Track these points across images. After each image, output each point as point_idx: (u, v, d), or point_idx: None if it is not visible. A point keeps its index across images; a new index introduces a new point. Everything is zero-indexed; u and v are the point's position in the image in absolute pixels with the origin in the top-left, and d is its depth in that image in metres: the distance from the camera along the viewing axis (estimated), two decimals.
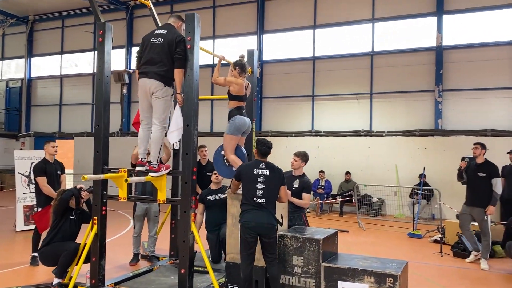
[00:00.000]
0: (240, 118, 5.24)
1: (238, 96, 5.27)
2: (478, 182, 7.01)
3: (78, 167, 17.28)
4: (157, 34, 4.77)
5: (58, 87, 19.29)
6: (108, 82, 5.10)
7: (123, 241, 8.29)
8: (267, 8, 15.04)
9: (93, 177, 4.62)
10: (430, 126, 12.69)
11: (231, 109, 5.29)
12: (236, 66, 5.33)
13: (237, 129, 5.20)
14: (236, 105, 5.28)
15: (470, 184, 7.17)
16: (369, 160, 13.10)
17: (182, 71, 4.62)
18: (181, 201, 4.75)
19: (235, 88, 5.22)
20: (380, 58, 13.54)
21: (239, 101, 5.31)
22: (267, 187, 4.57)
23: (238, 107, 5.28)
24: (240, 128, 5.25)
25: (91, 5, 5.11)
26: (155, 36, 4.75)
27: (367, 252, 7.67)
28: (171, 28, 4.81)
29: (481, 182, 6.99)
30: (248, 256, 4.51)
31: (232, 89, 5.23)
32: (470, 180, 7.17)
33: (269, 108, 14.92)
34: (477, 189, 7.02)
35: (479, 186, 7.00)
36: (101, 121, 5.05)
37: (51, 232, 5.29)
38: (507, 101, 11.97)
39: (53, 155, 6.60)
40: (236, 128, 5.19)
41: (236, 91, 5.24)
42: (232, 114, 5.26)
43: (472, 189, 7.10)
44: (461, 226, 7.29)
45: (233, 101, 5.30)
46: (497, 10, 12.22)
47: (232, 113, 5.26)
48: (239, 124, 5.22)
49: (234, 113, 5.25)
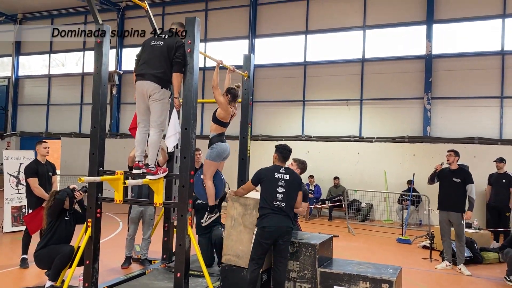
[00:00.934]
0: (222, 145, 5.37)
1: (222, 122, 5.39)
2: (454, 188, 7.18)
3: (65, 168, 17.09)
4: (158, 38, 4.78)
5: (46, 87, 19.05)
6: (105, 84, 5.06)
7: (113, 243, 8.22)
8: (260, 13, 15.11)
9: (89, 179, 4.57)
10: (419, 133, 12.87)
11: (213, 135, 5.41)
12: (228, 93, 5.42)
13: (219, 155, 5.33)
14: (218, 131, 5.40)
15: (445, 189, 7.33)
16: (358, 166, 13.21)
17: (180, 75, 4.62)
18: (178, 205, 4.73)
19: (222, 114, 5.34)
20: (370, 65, 13.70)
21: (222, 127, 5.43)
22: (287, 191, 4.66)
23: (220, 133, 5.42)
24: (221, 155, 5.38)
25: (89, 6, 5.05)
26: (156, 40, 4.76)
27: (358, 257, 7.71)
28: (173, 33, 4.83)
29: (456, 188, 7.17)
30: (259, 260, 4.56)
31: (219, 114, 5.34)
32: (445, 186, 7.33)
33: (260, 112, 14.95)
34: (452, 194, 7.18)
35: (455, 191, 7.17)
36: (97, 123, 4.99)
37: (47, 235, 5.23)
38: (494, 110, 12.21)
39: (45, 155, 6.52)
40: (217, 154, 5.31)
41: (222, 117, 5.36)
42: (213, 141, 5.39)
43: (448, 194, 7.24)
44: (442, 235, 7.39)
45: (217, 125, 5.41)
46: (485, 21, 12.47)
47: (214, 139, 5.39)
48: (221, 151, 5.34)
49: (216, 140, 5.38)
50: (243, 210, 5.05)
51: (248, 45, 15.06)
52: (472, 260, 7.63)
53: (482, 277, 6.93)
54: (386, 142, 13.05)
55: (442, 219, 7.32)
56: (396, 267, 4.89)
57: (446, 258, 7.39)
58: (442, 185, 7.41)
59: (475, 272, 7.09)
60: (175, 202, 5.03)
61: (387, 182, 12.74)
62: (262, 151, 13.56)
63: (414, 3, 13.18)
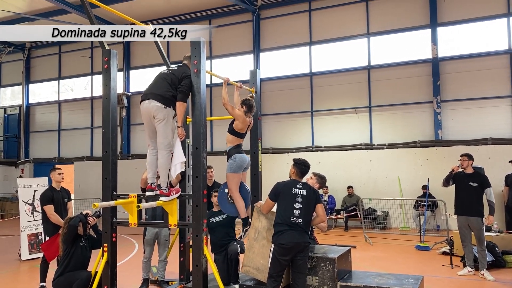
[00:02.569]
0: (240, 156, 5.42)
1: (239, 133, 5.43)
2: (471, 192, 7.04)
3: (78, 192, 17.19)
4: (169, 69, 5.01)
5: (56, 113, 19.30)
6: (114, 108, 5.12)
7: (129, 265, 8.20)
8: (263, 27, 15.21)
9: (103, 204, 4.59)
10: (430, 137, 12.75)
11: (230, 147, 5.45)
12: (243, 105, 5.48)
13: (239, 166, 5.37)
14: (235, 143, 5.45)
15: (461, 193, 7.18)
16: (371, 173, 13.10)
17: (183, 105, 4.68)
18: (192, 225, 4.72)
19: (239, 126, 5.39)
20: (377, 71, 13.66)
21: (239, 138, 5.48)
22: (304, 207, 4.60)
23: (238, 145, 5.47)
24: (241, 165, 5.42)
25: None
26: (167, 70, 4.98)
27: (377, 267, 7.61)
28: (184, 66, 4.98)
29: (473, 192, 7.02)
30: (277, 278, 4.52)
31: (236, 125, 5.40)
32: (461, 190, 7.20)
33: (268, 125, 14.95)
34: (470, 199, 7.04)
35: (472, 195, 7.02)
36: (108, 147, 5.04)
37: (64, 262, 5.23)
38: (506, 109, 12.06)
39: (59, 182, 6.56)
40: (237, 166, 5.35)
41: (240, 128, 5.41)
42: (231, 153, 5.43)
43: (464, 199, 7.11)
44: (462, 241, 7.23)
45: (234, 137, 5.45)
46: (489, 21, 12.41)
47: (232, 152, 5.43)
48: (240, 162, 5.38)
49: (233, 152, 5.42)
50: (268, 224, 5.00)
51: (254, 59, 15.14)
52: (494, 265, 7.45)
53: (506, 281, 6.76)
54: (398, 148, 12.93)
55: (461, 224, 7.18)
56: (418, 276, 4.80)
57: (468, 264, 7.21)
58: (458, 189, 7.27)
59: (498, 277, 6.92)
60: (189, 223, 5.03)
61: (402, 188, 12.59)
62: (273, 164, 13.53)
63: (416, 8, 13.18)
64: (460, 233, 7.26)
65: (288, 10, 14.78)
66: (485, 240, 7.17)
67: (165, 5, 15.32)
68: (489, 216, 7.01)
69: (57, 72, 19.32)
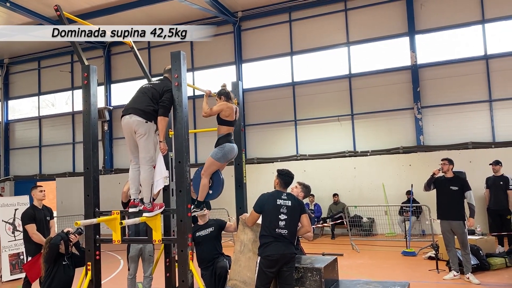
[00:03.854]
0: (230, 146, 5.33)
1: (228, 121, 5.34)
2: (452, 196, 7.14)
3: (61, 208, 16.87)
4: (150, 83, 4.95)
5: (37, 129, 18.99)
6: (95, 124, 5.05)
7: (115, 282, 8.05)
8: (244, 38, 15.28)
9: (86, 222, 4.50)
10: (412, 143, 12.92)
11: (221, 135, 5.36)
12: (221, 96, 5.43)
13: (224, 156, 5.29)
14: (226, 131, 5.35)
15: (443, 198, 7.27)
16: (355, 181, 13.18)
17: (165, 119, 4.64)
18: (177, 240, 4.66)
19: (226, 112, 5.29)
20: (358, 80, 13.82)
21: (229, 126, 5.39)
22: (289, 218, 4.56)
23: (228, 134, 5.37)
24: (227, 156, 5.33)
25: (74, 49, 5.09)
26: (148, 84, 4.92)
27: (364, 275, 7.63)
28: (165, 79, 4.93)
29: (454, 196, 7.12)
30: None
31: (224, 113, 5.29)
32: (442, 194, 7.28)
33: (253, 135, 14.96)
34: (451, 203, 7.13)
35: (453, 199, 7.12)
36: (90, 164, 4.97)
37: (46, 282, 5.10)
38: (484, 113, 12.31)
39: (41, 200, 6.42)
40: (223, 155, 5.27)
41: (227, 114, 5.31)
42: (221, 141, 5.33)
43: (446, 203, 7.19)
44: (446, 245, 7.30)
45: (224, 126, 5.37)
46: (465, 27, 12.69)
47: (222, 140, 5.33)
48: (228, 152, 5.30)
49: (223, 141, 5.32)
50: (253, 236, 4.96)
51: (236, 70, 15.18)
52: (479, 268, 7.53)
53: (491, 284, 6.83)
54: (381, 155, 13.07)
55: (444, 229, 7.26)
56: (404, 283, 4.81)
57: (453, 268, 7.29)
58: (440, 194, 7.37)
59: (483, 280, 6.99)
60: (174, 238, 4.96)
61: (386, 194, 12.69)
62: (259, 175, 13.52)
63: (394, 16, 13.41)
64: (444, 238, 7.34)
65: (268, 21, 14.90)
66: (469, 244, 7.26)
67: (145, 18, 15.30)
68: (469, 218, 7.11)
69: (37, 87, 19.06)
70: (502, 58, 12.26)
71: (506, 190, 8.90)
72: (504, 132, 12.05)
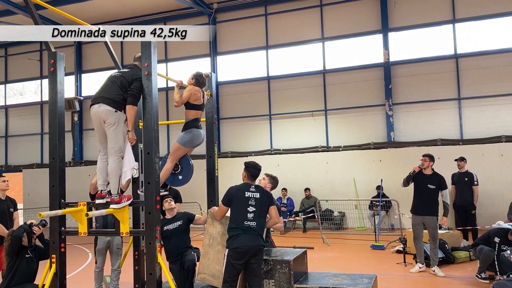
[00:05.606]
0: (197, 131, 5.33)
1: (196, 105, 5.31)
2: (429, 193, 7.24)
3: (28, 201, 16.42)
4: (119, 71, 4.83)
5: (3, 118, 18.36)
6: (62, 113, 4.89)
7: (82, 276, 7.89)
8: (219, 30, 15.15)
9: (50, 213, 4.37)
10: (383, 139, 13.13)
11: (188, 120, 5.34)
12: (193, 77, 5.41)
13: (190, 141, 5.29)
14: (194, 116, 5.34)
15: (419, 194, 7.36)
16: (327, 175, 13.31)
17: (133, 108, 4.54)
18: (145, 232, 4.59)
19: (195, 96, 5.25)
20: (332, 75, 13.93)
21: (197, 110, 5.36)
22: (258, 210, 4.57)
23: (196, 118, 5.36)
24: (194, 141, 5.33)
25: None
26: (117, 72, 4.80)
27: (334, 268, 7.73)
28: (135, 67, 4.83)
29: (431, 193, 7.24)
30: (232, 282, 4.47)
31: (192, 97, 5.26)
32: (419, 191, 7.37)
33: (227, 129, 14.90)
34: (427, 199, 7.24)
35: (429, 196, 7.23)
36: (56, 154, 4.81)
37: (8, 275, 4.93)
38: (453, 111, 12.61)
39: (4, 190, 6.20)
40: (189, 140, 5.27)
41: (195, 98, 5.27)
42: (188, 126, 5.31)
43: (422, 199, 7.30)
44: (415, 238, 7.42)
45: (191, 110, 5.34)
46: (437, 26, 12.95)
47: (189, 124, 5.32)
48: (194, 137, 5.31)
49: (191, 125, 5.30)
50: (222, 230, 4.93)
51: (210, 63, 15.06)
52: (444, 261, 7.74)
53: (455, 277, 7.03)
54: (353, 150, 13.23)
55: (416, 222, 7.36)
56: (371, 275, 4.89)
57: (419, 260, 7.44)
58: (417, 190, 7.42)
59: (448, 273, 7.19)
60: (142, 230, 4.88)
61: (357, 189, 12.88)
62: (232, 168, 13.45)
63: (368, 13, 13.56)
64: (414, 230, 7.44)
65: (244, 14, 14.81)
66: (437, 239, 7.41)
67: (119, 7, 14.97)
68: (443, 217, 7.30)
69: (3, 75, 18.40)
70: (471, 58, 12.57)
71: (471, 186, 9.17)
72: (472, 129, 12.38)
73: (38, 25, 4.77)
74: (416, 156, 10.70)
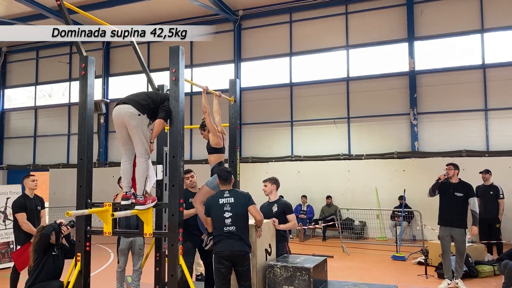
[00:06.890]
0: None
1: (218, 148, 5.37)
2: (456, 202, 7.00)
3: (54, 199, 16.83)
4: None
5: (33, 119, 18.92)
6: (91, 115, 5.04)
7: (104, 275, 8.04)
8: (244, 37, 15.29)
9: (77, 212, 4.50)
10: (407, 148, 12.97)
11: (213, 165, 5.39)
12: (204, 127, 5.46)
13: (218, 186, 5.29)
14: (218, 160, 5.39)
15: (446, 204, 7.11)
16: (349, 184, 13.22)
17: (162, 123, 4.67)
18: (168, 234, 4.67)
19: (215, 140, 5.32)
20: (355, 83, 13.86)
21: (220, 153, 5.42)
22: (235, 214, 4.66)
23: (220, 162, 5.40)
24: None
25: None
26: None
27: (354, 277, 7.67)
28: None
29: (458, 202, 7.01)
30: (223, 286, 4.56)
31: (212, 140, 5.33)
32: (446, 200, 7.13)
33: (248, 134, 14.98)
34: (454, 209, 6.99)
35: (457, 206, 6.99)
36: (84, 155, 4.95)
37: (35, 271, 5.09)
38: (479, 122, 12.38)
39: (33, 189, 6.40)
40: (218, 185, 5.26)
41: (216, 143, 5.34)
42: (215, 171, 5.34)
43: (449, 209, 7.05)
44: (443, 251, 7.16)
45: (214, 155, 5.39)
46: (464, 36, 12.76)
47: (215, 169, 5.34)
48: None
49: (217, 170, 5.31)
50: None
51: (234, 69, 15.19)
52: (467, 275, 7.55)
53: None
54: (376, 159, 13.11)
55: (444, 234, 7.10)
56: (392, 286, 4.85)
57: (447, 276, 7.10)
58: (443, 199, 7.18)
59: (471, 287, 7.04)
60: (165, 232, 4.97)
61: (379, 199, 12.74)
62: (253, 174, 13.53)
63: (394, 22, 13.46)
64: (442, 244, 7.16)
65: (269, 21, 14.91)
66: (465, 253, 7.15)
67: (147, 13, 15.27)
68: (472, 226, 6.98)
69: (34, 77, 18.98)
70: (499, 68, 12.33)
71: (497, 199, 8.95)
72: (498, 141, 12.12)
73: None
74: (440, 167, 10.52)
